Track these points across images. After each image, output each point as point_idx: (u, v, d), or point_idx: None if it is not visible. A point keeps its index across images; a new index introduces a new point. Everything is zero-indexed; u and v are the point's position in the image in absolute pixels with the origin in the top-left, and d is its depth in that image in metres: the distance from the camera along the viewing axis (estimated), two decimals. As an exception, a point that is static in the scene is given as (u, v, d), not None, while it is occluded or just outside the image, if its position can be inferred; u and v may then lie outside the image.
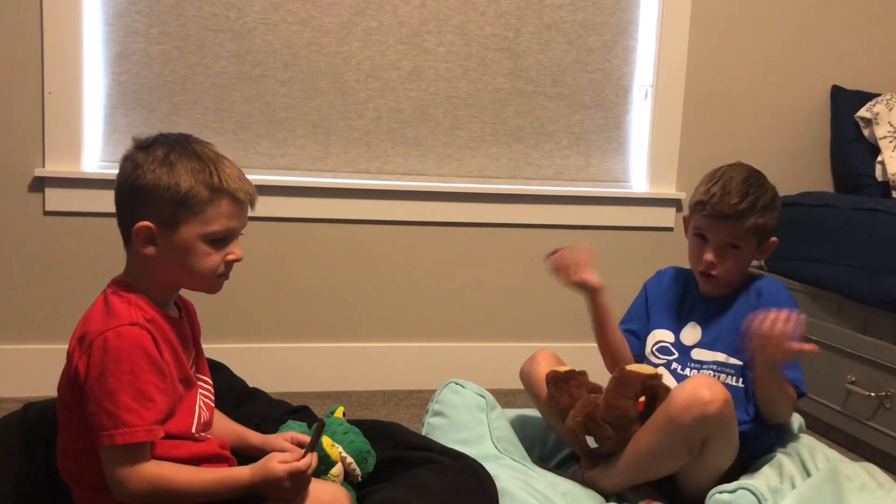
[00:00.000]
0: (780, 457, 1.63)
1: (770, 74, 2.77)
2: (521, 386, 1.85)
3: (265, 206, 2.43)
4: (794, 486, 1.51)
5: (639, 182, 2.74)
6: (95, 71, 2.36)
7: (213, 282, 1.29)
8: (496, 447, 1.73)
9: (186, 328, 1.35)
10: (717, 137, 2.75)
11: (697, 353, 1.74)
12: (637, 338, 1.86)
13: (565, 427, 1.66)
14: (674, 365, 1.76)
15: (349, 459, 1.48)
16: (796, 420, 1.87)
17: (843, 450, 2.10)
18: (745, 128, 2.78)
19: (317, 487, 1.31)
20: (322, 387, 2.51)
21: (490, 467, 1.56)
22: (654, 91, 2.67)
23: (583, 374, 1.72)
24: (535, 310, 2.67)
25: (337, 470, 1.47)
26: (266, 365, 2.41)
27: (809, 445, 1.69)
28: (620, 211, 2.68)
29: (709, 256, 1.68)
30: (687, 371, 1.74)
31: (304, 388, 2.46)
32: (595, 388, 1.70)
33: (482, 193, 2.59)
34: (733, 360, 1.70)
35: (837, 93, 2.79)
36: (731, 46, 2.73)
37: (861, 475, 1.44)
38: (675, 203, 2.74)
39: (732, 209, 1.65)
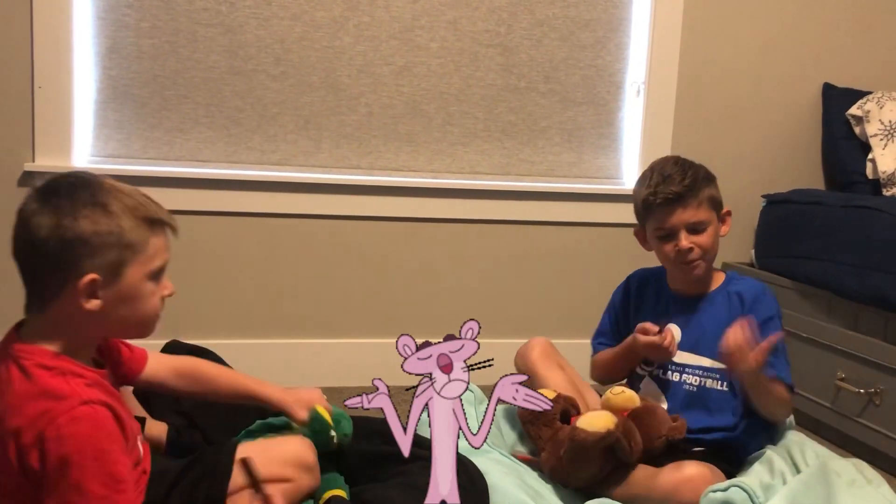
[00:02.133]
0: (770, 453, 1.63)
1: (762, 71, 2.78)
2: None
3: (256, 201, 2.44)
4: (784, 483, 1.52)
5: (631, 178, 2.75)
6: (86, 65, 2.34)
7: (153, 323, 1.19)
8: (485, 441, 1.73)
9: (110, 374, 1.23)
10: (708, 134, 2.76)
11: (680, 357, 1.73)
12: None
13: (542, 465, 1.65)
14: (656, 372, 1.75)
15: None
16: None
17: (833, 446, 2.11)
18: (736, 125, 2.78)
19: (281, 441, 1.40)
20: (313, 382, 2.49)
21: (479, 462, 1.57)
22: (647, 88, 2.68)
23: (559, 398, 1.67)
24: (525, 306, 2.67)
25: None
26: (257, 360, 2.40)
27: (799, 442, 1.70)
28: (612, 207, 2.68)
29: (684, 242, 1.67)
30: (670, 375, 1.73)
31: (295, 384, 2.44)
32: (568, 409, 1.68)
33: (474, 189, 2.59)
34: (718, 365, 1.68)
35: (829, 90, 2.80)
36: (724, 43, 2.73)
37: (850, 471, 1.45)
38: (667, 200, 2.74)
39: (681, 186, 1.67)
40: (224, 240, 2.45)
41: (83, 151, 2.37)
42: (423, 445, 1.55)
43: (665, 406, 1.70)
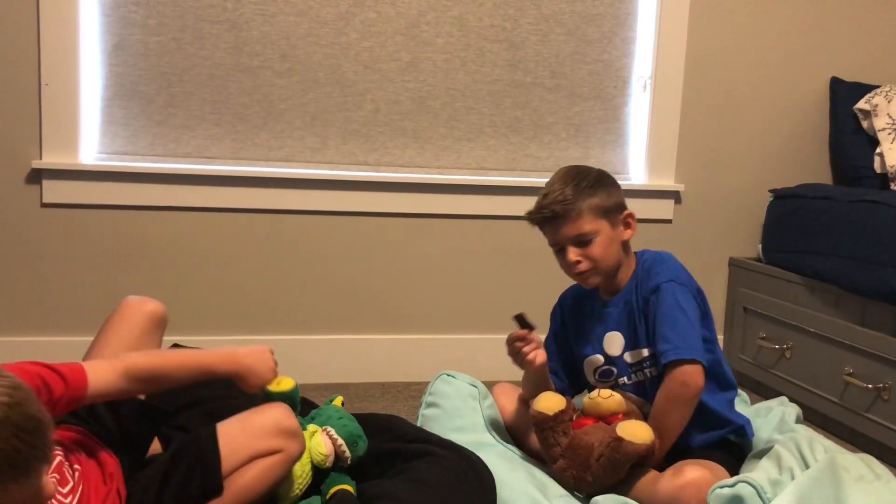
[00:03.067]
0: (778, 448, 1.63)
1: (769, 66, 2.77)
2: (515, 377, 1.85)
3: (263, 197, 2.45)
4: (793, 478, 1.51)
5: (637, 174, 2.74)
6: (92, 62, 2.35)
7: None
8: (491, 434, 1.74)
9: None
10: (715, 129, 2.75)
11: (629, 357, 1.70)
12: (557, 376, 1.82)
13: (556, 474, 1.61)
14: (620, 380, 1.74)
15: (340, 441, 1.49)
16: (794, 411, 1.87)
17: (841, 441, 2.11)
18: (743, 119, 2.77)
19: (258, 412, 1.39)
20: (320, 378, 2.51)
21: (485, 456, 1.57)
22: (653, 82, 2.67)
23: (569, 408, 1.64)
24: (532, 302, 2.66)
25: (327, 449, 1.47)
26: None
27: (808, 437, 1.69)
28: (619, 203, 2.67)
29: (571, 256, 1.65)
30: (628, 379, 1.71)
31: (302, 380, 2.43)
32: (579, 421, 1.65)
33: (480, 185, 2.59)
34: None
35: (836, 84, 2.79)
36: (731, 38, 2.72)
37: (859, 466, 1.44)
38: (674, 195, 2.73)
39: (554, 203, 1.64)
40: (231, 236, 2.46)
41: (90, 148, 2.38)
42: (429, 441, 1.56)
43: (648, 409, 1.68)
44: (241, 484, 1.31)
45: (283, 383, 1.46)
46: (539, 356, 1.70)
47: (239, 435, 1.33)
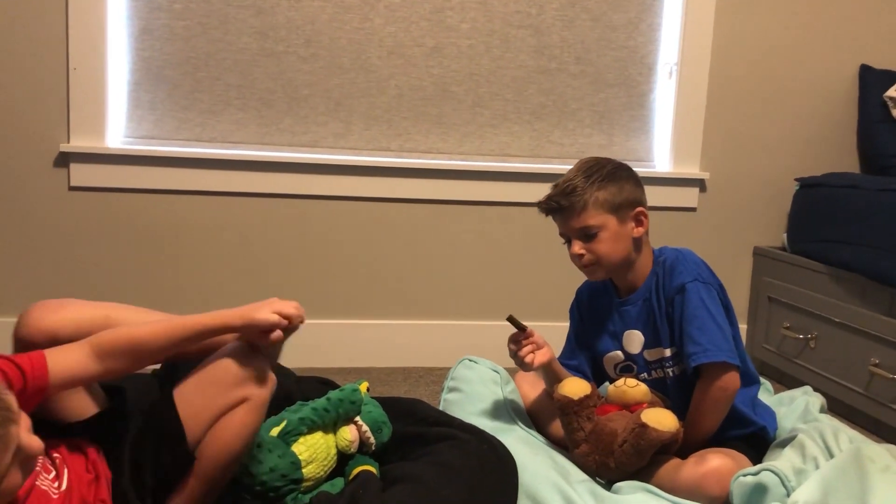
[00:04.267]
0: (802, 438, 1.62)
1: (797, 53, 2.73)
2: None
3: (287, 183, 2.46)
4: (817, 467, 1.50)
5: (662, 161, 2.72)
6: (119, 46, 2.37)
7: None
8: (513, 419, 1.74)
9: None
10: (741, 116, 2.72)
11: (648, 355, 1.69)
12: (580, 372, 1.79)
13: (578, 459, 1.61)
14: (640, 376, 1.73)
15: (364, 427, 1.50)
16: (818, 400, 1.86)
17: (866, 432, 2.09)
18: (770, 106, 2.74)
19: (212, 365, 1.27)
20: (343, 363, 2.53)
21: (507, 440, 1.57)
22: (679, 69, 2.64)
23: (594, 394, 1.63)
24: (555, 289, 2.66)
25: (352, 436, 1.49)
26: (287, 341, 2.42)
27: (832, 426, 1.68)
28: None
29: (575, 248, 1.65)
30: (648, 375, 1.70)
31: (325, 364, 2.47)
32: (603, 408, 1.64)
33: (503, 172, 2.58)
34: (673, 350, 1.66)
35: (866, 72, 2.75)
36: (758, 24, 2.69)
37: (884, 457, 1.43)
38: (699, 183, 2.71)
39: (560, 195, 1.64)
40: (254, 221, 2.47)
41: (117, 132, 2.40)
42: (451, 425, 1.57)
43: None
44: (215, 446, 1.24)
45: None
46: (538, 357, 1.67)
47: (197, 396, 1.24)
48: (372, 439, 1.50)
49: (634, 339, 1.71)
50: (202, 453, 1.23)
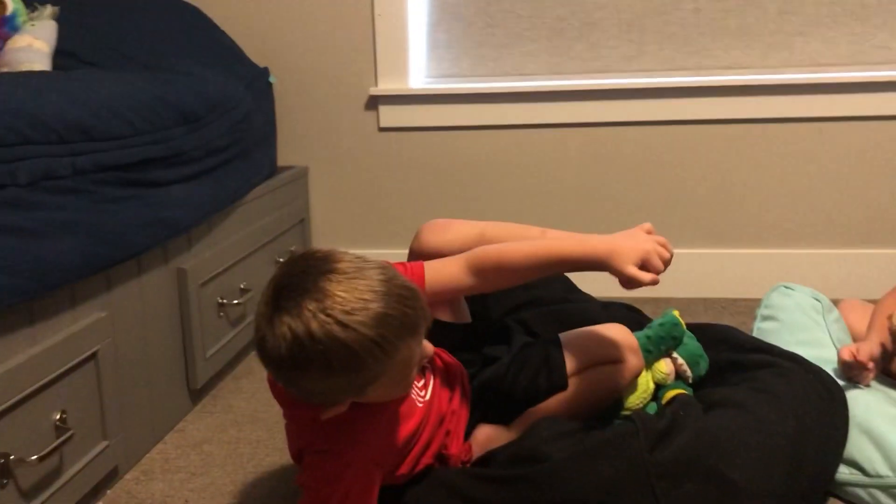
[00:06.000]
0: None
1: None
2: (861, 295, 1.67)
3: (579, 111, 2.43)
4: None
5: None
6: (417, -10, 2.48)
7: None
8: (838, 350, 1.60)
9: None
10: None
11: None
12: None
13: None
14: None
15: (680, 361, 1.46)
16: None
17: None
18: None
19: (601, 328, 1.40)
20: (643, 293, 2.47)
21: (833, 372, 1.45)
22: None
23: None
24: (871, 213, 2.39)
25: (667, 368, 1.46)
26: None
27: None
28: None
29: None
30: None
31: (625, 294, 2.44)
32: None
33: (817, 84, 2.33)
34: None
35: None
36: None
37: None
38: None
39: None
40: (547, 152, 2.49)
41: (419, 73, 2.53)
42: (771, 352, 1.48)
43: None
44: (582, 384, 1.35)
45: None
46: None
47: (582, 341, 1.38)
48: (689, 372, 1.46)
49: None
50: (570, 385, 1.35)
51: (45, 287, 1.26)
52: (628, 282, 1.22)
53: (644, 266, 1.22)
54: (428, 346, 1.13)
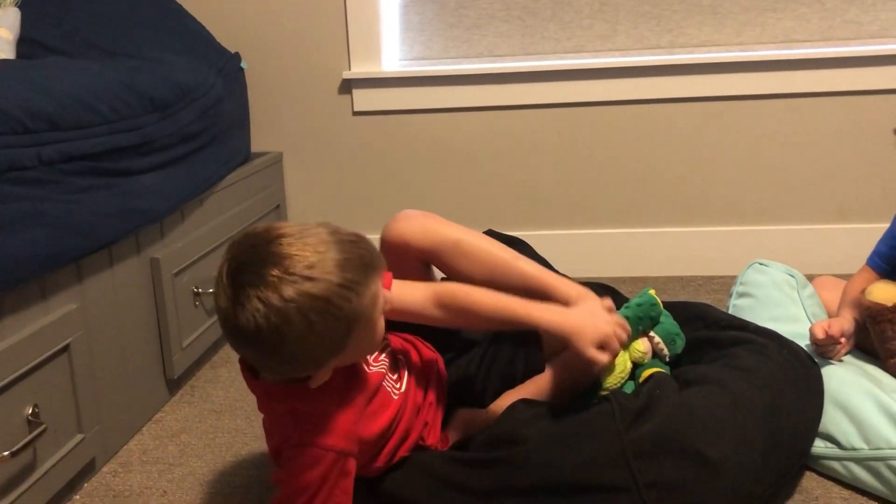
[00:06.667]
0: None
1: None
2: (827, 272, 1.69)
3: (553, 92, 2.43)
4: None
5: None
6: (388, -29, 2.45)
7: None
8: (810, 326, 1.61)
9: None
10: None
11: None
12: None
13: (892, 369, 1.47)
14: None
15: (657, 339, 1.47)
16: None
17: None
18: None
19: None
20: (618, 272, 2.50)
21: (808, 348, 1.47)
22: None
23: None
24: (844, 189, 2.41)
25: (644, 347, 1.46)
26: (563, 251, 2.44)
27: None
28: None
29: None
30: None
31: (601, 274, 2.46)
32: None
33: (789, 60, 2.34)
34: None
35: None
36: None
37: None
38: None
39: None
40: (522, 133, 2.48)
41: (392, 56, 2.51)
42: (746, 329, 1.49)
43: None
44: (558, 366, 1.36)
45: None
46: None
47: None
48: (665, 351, 1.46)
49: None
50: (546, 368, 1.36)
51: (13, 280, 1.24)
52: (587, 362, 1.26)
53: (602, 347, 1.26)
54: (386, 292, 1.14)
